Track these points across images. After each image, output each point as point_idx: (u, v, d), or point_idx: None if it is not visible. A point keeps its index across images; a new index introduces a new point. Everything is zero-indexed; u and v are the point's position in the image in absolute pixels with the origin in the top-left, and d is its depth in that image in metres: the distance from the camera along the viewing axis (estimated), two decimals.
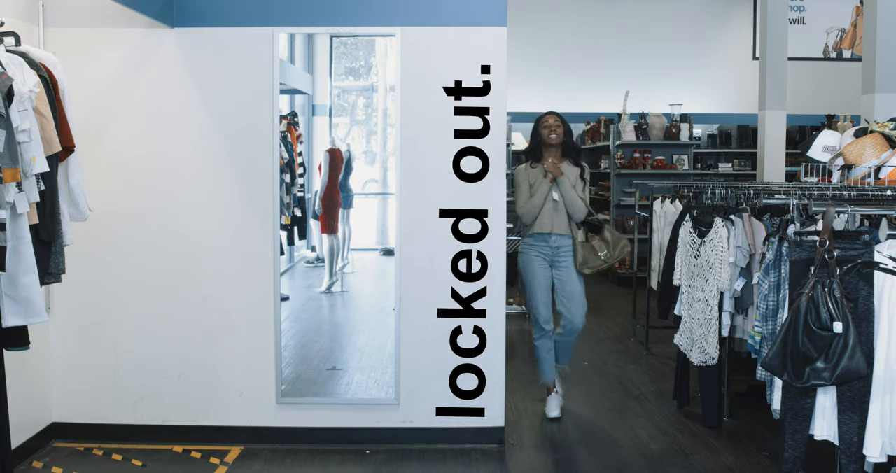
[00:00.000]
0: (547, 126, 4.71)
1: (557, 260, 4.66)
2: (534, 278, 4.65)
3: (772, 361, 2.88)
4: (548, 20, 11.42)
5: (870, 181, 4.18)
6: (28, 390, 3.99)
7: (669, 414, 4.77)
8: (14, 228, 2.80)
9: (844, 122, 6.55)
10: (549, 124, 4.70)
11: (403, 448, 4.17)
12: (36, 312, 2.91)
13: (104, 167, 4.11)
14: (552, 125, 4.70)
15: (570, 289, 4.64)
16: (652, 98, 10.55)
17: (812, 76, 11.28)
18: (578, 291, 4.67)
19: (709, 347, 4.32)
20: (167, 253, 4.18)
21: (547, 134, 4.69)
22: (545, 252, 4.67)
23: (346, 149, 6.15)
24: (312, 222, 5.95)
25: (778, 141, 8.70)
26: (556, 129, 4.69)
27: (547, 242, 4.66)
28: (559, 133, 4.69)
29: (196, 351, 4.20)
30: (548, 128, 4.70)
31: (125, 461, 3.99)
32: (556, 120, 4.74)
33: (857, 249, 2.88)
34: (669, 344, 4.80)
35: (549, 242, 4.66)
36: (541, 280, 4.66)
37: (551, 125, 4.70)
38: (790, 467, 3.01)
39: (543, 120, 4.76)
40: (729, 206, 4.44)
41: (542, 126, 4.72)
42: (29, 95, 2.85)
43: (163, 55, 4.13)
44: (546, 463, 4.07)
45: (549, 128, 4.70)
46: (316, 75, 5.75)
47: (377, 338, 5.26)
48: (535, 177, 4.68)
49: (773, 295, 3.51)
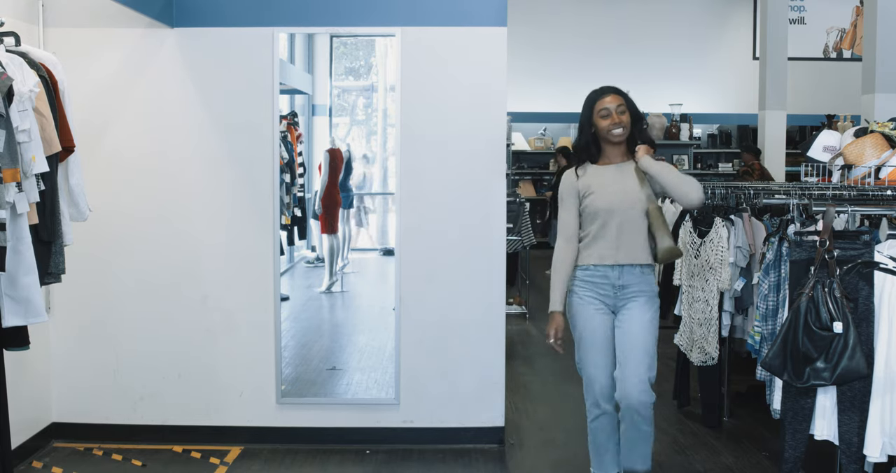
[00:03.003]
0: (606, 111, 3.20)
1: (623, 304, 3.27)
2: (585, 329, 3.27)
3: (772, 361, 2.88)
4: (548, 20, 11.42)
5: (870, 181, 4.18)
6: (28, 390, 3.99)
7: (669, 414, 4.77)
8: (14, 228, 2.80)
9: (844, 122, 6.54)
10: (608, 108, 3.19)
11: (403, 448, 4.17)
12: (36, 312, 2.91)
13: (104, 167, 4.11)
14: (613, 110, 3.19)
15: (631, 341, 3.22)
16: (652, 98, 10.55)
17: (812, 76, 11.29)
18: (641, 341, 3.21)
19: (709, 347, 4.32)
20: (167, 253, 4.18)
21: (607, 126, 3.20)
22: (605, 292, 3.26)
23: (346, 149, 6.15)
24: (312, 222, 5.96)
25: (778, 141, 8.70)
26: (621, 118, 3.20)
27: (608, 278, 3.25)
28: (625, 123, 3.21)
29: (196, 350, 4.20)
30: (608, 117, 3.20)
31: (125, 461, 3.99)
32: (619, 101, 3.22)
33: (858, 249, 2.88)
34: (669, 344, 4.80)
35: (610, 278, 3.25)
36: (598, 333, 3.26)
37: (612, 110, 3.19)
38: (790, 467, 3.01)
39: (600, 101, 3.23)
40: (729, 206, 4.44)
41: (599, 112, 3.22)
42: (29, 95, 2.85)
43: (163, 55, 4.13)
44: (546, 464, 4.07)
45: (609, 114, 3.19)
46: (316, 75, 5.75)
47: (377, 338, 5.26)
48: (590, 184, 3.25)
49: (773, 295, 3.51)
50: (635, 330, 3.22)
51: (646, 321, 3.24)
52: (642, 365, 3.18)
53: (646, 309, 3.25)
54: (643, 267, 3.26)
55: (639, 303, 3.25)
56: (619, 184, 3.23)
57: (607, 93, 3.24)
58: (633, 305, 3.25)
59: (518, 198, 7.28)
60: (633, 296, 3.25)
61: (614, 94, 3.23)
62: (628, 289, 3.26)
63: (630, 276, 3.24)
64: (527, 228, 7.14)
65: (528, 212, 7.38)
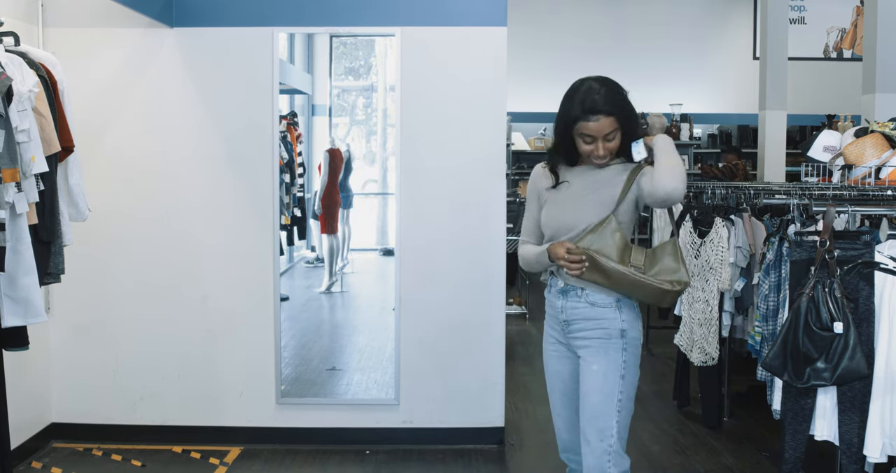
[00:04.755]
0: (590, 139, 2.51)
1: (576, 339, 2.62)
2: (546, 372, 2.74)
3: (772, 361, 2.87)
4: (548, 20, 11.41)
5: (870, 181, 4.17)
6: (27, 390, 3.98)
7: (670, 415, 4.77)
8: (13, 228, 2.79)
9: (845, 122, 6.53)
10: (592, 136, 2.51)
11: (403, 448, 4.16)
12: (35, 312, 2.90)
13: (104, 167, 4.10)
14: (600, 138, 2.51)
15: (584, 404, 2.57)
16: (652, 98, 10.54)
17: (812, 76, 11.27)
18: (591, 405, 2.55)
19: (709, 347, 4.32)
20: (167, 254, 4.18)
21: (588, 151, 2.54)
22: (557, 328, 2.67)
23: (346, 149, 6.15)
24: (312, 222, 5.95)
25: (778, 141, 8.69)
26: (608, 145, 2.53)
27: (554, 309, 2.66)
28: (613, 149, 2.55)
29: (196, 351, 4.20)
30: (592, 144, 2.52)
31: (125, 461, 3.99)
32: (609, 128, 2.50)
33: (858, 249, 2.87)
34: (669, 344, 4.80)
35: (555, 308, 2.65)
36: (555, 381, 2.71)
37: (598, 138, 2.51)
38: (790, 467, 3.01)
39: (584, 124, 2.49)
40: (729, 206, 4.44)
41: (580, 134, 2.52)
42: (28, 95, 2.85)
43: (162, 55, 4.12)
44: (546, 464, 4.06)
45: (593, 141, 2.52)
46: (316, 75, 5.75)
47: (377, 338, 5.25)
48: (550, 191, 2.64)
49: (773, 295, 3.51)
50: (585, 390, 2.56)
51: (598, 375, 2.54)
52: (598, 434, 2.52)
53: (598, 357, 2.55)
54: (589, 296, 2.56)
55: (589, 352, 2.57)
56: (584, 197, 2.58)
57: (596, 115, 2.47)
58: (584, 354, 2.58)
59: (518, 198, 7.28)
60: (582, 341, 2.59)
61: (606, 117, 2.48)
62: (574, 328, 2.60)
63: (573, 310, 2.58)
64: None
65: None
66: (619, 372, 2.55)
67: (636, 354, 2.60)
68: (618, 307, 2.56)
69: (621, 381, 2.56)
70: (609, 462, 2.52)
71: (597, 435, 2.53)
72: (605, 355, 2.55)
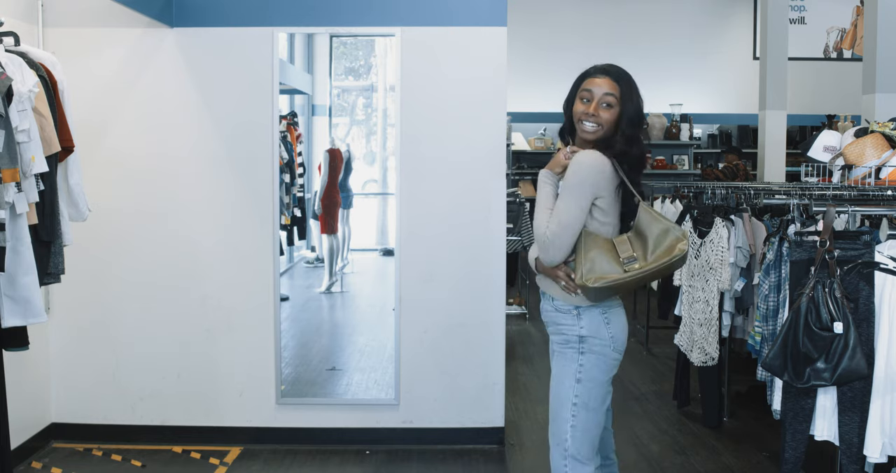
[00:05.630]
0: (588, 95, 2.54)
1: (551, 342, 2.70)
2: None
3: (772, 361, 2.87)
4: (548, 20, 11.41)
5: (870, 181, 4.17)
6: (27, 390, 3.98)
7: (669, 415, 4.77)
8: (13, 228, 2.79)
9: (845, 122, 6.54)
10: (592, 91, 2.54)
11: (403, 448, 4.16)
12: (35, 312, 2.90)
13: (104, 167, 4.10)
14: (597, 96, 2.52)
15: (550, 392, 2.64)
16: (652, 98, 10.50)
17: (812, 76, 11.27)
18: (552, 407, 2.62)
19: (709, 347, 4.32)
20: (166, 254, 4.18)
21: (580, 113, 2.54)
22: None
23: (346, 149, 6.14)
24: (312, 222, 5.95)
25: (778, 141, 8.69)
26: (600, 111, 2.52)
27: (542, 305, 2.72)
28: (603, 120, 2.53)
29: (196, 351, 4.20)
30: (588, 102, 2.53)
31: (125, 461, 3.99)
32: (610, 88, 2.53)
33: (858, 249, 2.87)
34: (669, 344, 4.80)
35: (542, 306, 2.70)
36: None
37: (595, 96, 2.53)
38: (790, 467, 3.01)
39: (589, 79, 2.56)
40: (729, 206, 4.44)
41: (581, 92, 2.56)
42: (28, 95, 2.85)
43: (162, 55, 4.12)
44: (546, 464, 4.05)
45: (590, 99, 2.53)
46: (316, 75, 5.74)
47: (377, 338, 5.25)
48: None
49: (773, 295, 3.51)
50: (550, 392, 2.63)
51: (554, 379, 2.61)
52: (554, 438, 2.59)
53: (557, 361, 2.61)
54: (555, 301, 2.59)
55: (554, 356, 2.64)
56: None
57: (603, 73, 2.54)
58: (553, 357, 2.67)
59: (518, 198, 7.26)
60: (553, 344, 2.66)
61: (609, 79, 2.52)
62: (549, 331, 2.66)
63: (546, 313, 2.65)
64: (527, 228, 7.13)
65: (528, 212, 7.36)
66: (573, 377, 2.55)
67: (600, 359, 2.56)
68: (577, 314, 2.56)
69: (576, 385, 2.55)
70: (566, 466, 2.58)
71: (553, 439, 2.59)
72: (563, 359, 2.59)
